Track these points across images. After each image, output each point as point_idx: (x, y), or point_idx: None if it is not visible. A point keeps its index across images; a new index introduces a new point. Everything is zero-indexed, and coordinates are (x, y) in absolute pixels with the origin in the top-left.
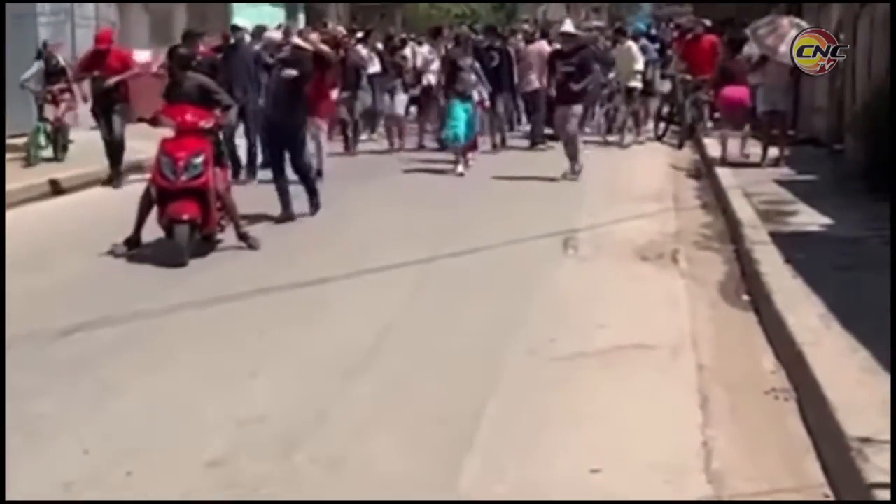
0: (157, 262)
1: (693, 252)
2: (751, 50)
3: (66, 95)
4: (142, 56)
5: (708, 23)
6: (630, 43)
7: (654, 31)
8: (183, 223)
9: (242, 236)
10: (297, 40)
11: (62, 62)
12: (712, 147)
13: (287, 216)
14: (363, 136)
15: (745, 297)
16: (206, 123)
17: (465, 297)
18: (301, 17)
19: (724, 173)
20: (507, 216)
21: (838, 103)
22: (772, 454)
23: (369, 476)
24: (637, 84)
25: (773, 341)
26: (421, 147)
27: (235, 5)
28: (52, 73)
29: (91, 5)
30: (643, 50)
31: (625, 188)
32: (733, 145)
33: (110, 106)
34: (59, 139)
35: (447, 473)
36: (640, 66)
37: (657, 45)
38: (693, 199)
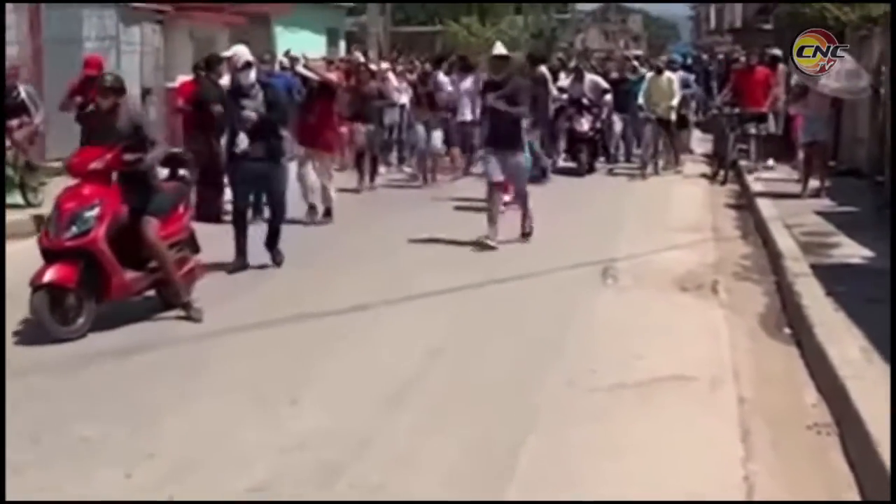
0: (200, 287)
1: (733, 283)
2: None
3: (24, 131)
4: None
5: (777, 52)
6: (669, 75)
7: (689, 61)
8: (41, 288)
9: (183, 305)
10: (300, 69)
11: (23, 94)
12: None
13: (242, 265)
14: (381, 169)
15: (786, 330)
16: (97, 164)
17: (503, 327)
18: (342, 44)
19: (764, 204)
20: (545, 246)
21: (880, 135)
22: (814, 489)
23: None
24: (671, 117)
25: (815, 374)
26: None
27: (278, 31)
28: (11, 108)
29: (136, 31)
30: (685, 83)
31: (663, 218)
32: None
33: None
34: (25, 182)
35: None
36: (675, 101)
37: (693, 76)
38: (732, 229)
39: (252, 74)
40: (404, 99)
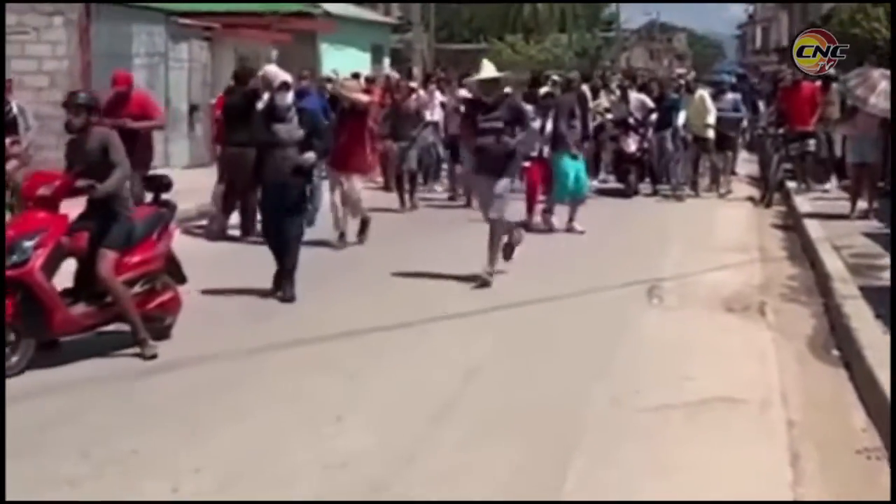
0: (243, 304)
1: (780, 304)
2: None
3: (15, 149)
4: None
5: (832, 71)
6: (702, 93)
7: (733, 80)
8: None
9: (138, 341)
10: (333, 89)
11: (14, 110)
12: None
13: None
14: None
15: (835, 352)
16: (44, 191)
17: (548, 345)
18: (386, 62)
19: (811, 225)
20: (591, 265)
21: None
22: None
23: None
24: (709, 135)
25: (864, 398)
26: None
27: (323, 48)
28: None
29: (185, 48)
30: (735, 107)
31: (709, 238)
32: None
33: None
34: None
35: None
36: (711, 119)
37: (739, 95)
38: (779, 250)
39: (289, 97)
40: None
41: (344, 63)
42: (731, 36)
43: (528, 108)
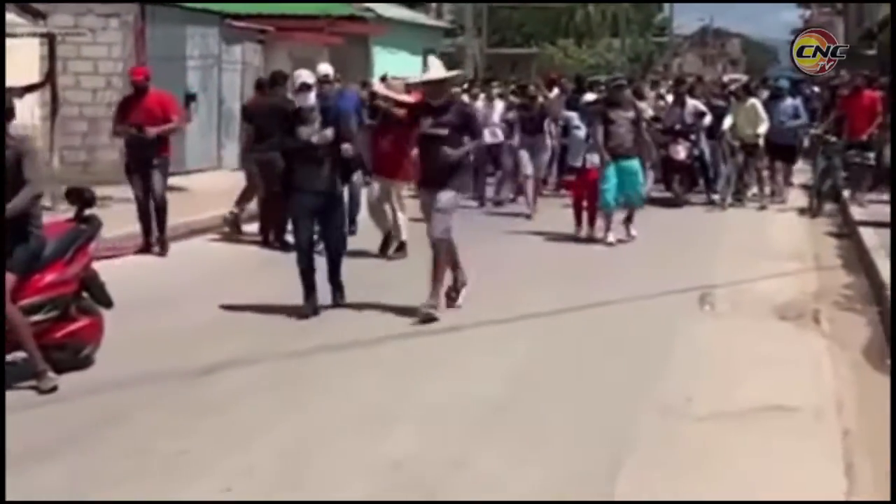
0: (290, 307)
1: (835, 313)
2: None
3: None
4: None
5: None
6: (753, 101)
7: (785, 84)
8: None
9: (35, 374)
10: (378, 88)
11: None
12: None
13: (313, 309)
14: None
15: (889, 361)
16: None
17: (598, 350)
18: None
19: (866, 233)
20: (642, 271)
21: None
22: None
23: None
24: (759, 142)
25: None
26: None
27: (375, 51)
28: None
29: (238, 50)
30: (795, 113)
31: (762, 245)
32: None
33: (148, 160)
34: None
35: None
36: (763, 128)
37: (798, 101)
38: (834, 258)
39: (311, 97)
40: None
41: (395, 66)
42: (785, 41)
43: (572, 114)
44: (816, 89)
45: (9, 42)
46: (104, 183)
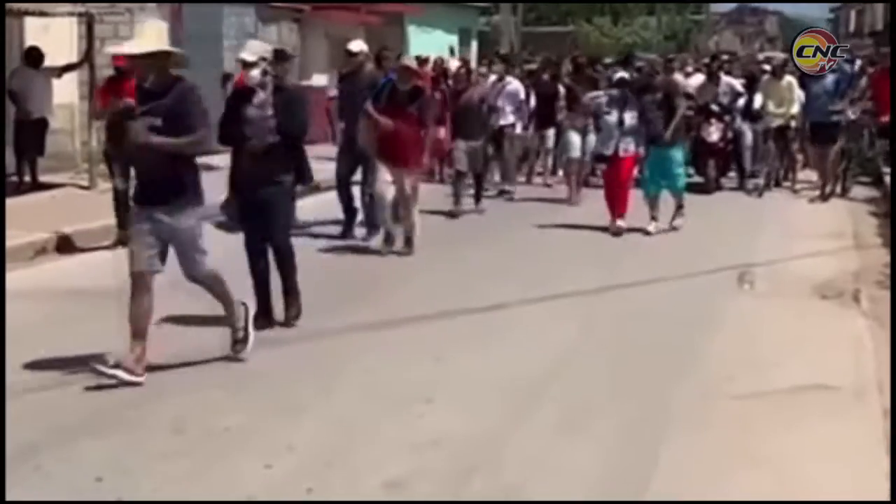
0: (333, 286)
1: (876, 292)
2: None
3: None
4: (319, 80)
5: None
6: (790, 78)
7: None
8: None
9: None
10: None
11: None
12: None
13: (263, 327)
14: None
15: None
16: None
17: (638, 330)
18: (474, 44)
19: None
20: (681, 250)
21: None
22: None
23: None
24: (792, 123)
25: None
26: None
27: (411, 30)
28: None
29: (274, 30)
30: (838, 91)
31: (801, 224)
32: None
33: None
34: None
35: None
36: (795, 108)
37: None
38: (875, 237)
39: (256, 74)
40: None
41: (431, 46)
42: (824, 19)
43: (601, 97)
44: (858, 64)
45: (47, 21)
46: None
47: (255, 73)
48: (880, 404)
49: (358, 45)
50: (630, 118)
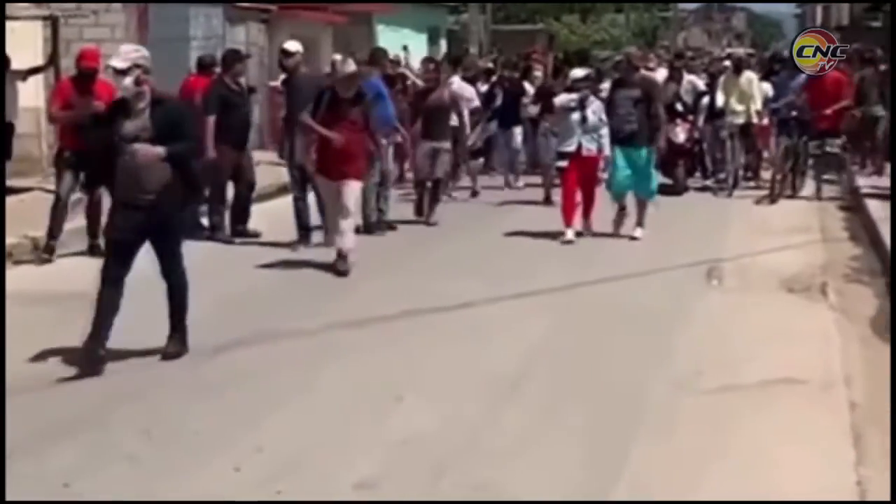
0: (304, 284)
1: (842, 285)
2: None
3: None
4: None
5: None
6: (750, 74)
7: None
8: None
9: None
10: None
11: None
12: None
13: (94, 359)
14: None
15: None
16: None
17: (608, 325)
18: (443, 43)
19: (873, 205)
20: (650, 246)
21: None
22: None
23: None
24: (753, 121)
25: None
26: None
27: (379, 30)
28: None
29: (242, 30)
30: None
31: (769, 219)
32: None
33: (87, 153)
34: None
35: None
36: (757, 104)
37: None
38: (841, 230)
39: (129, 83)
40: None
41: (400, 44)
42: (790, 15)
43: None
44: None
45: (11, 24)
46: None
47: (128, 81)
48: (847, 397)
49: (294, 45)
50: (592, 115)
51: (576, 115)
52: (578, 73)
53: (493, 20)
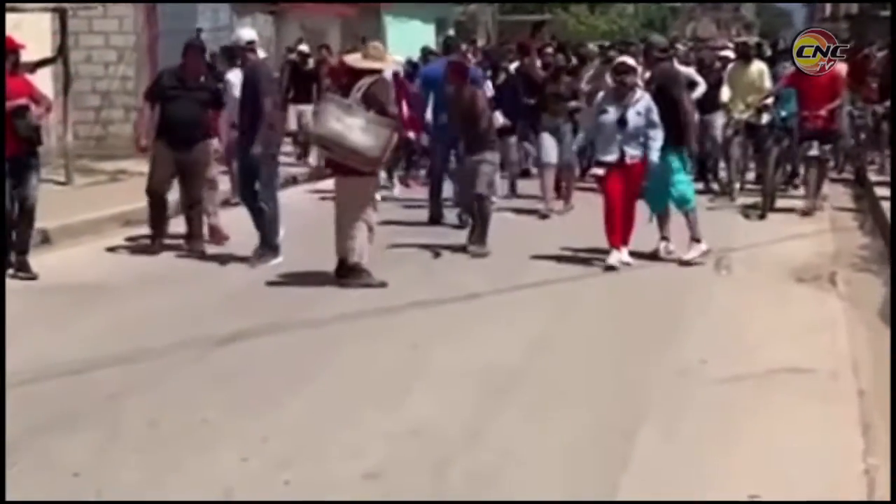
0: (310, 276)
1: (851, 274)
2: None
3: None
4: None
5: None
6: (761, 64)
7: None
8: None
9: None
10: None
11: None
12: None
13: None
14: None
15: None
16: None
17: (614, 315)
18: (451, 34)
19: (883, 195)
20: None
21: None
22: None
23: (523, 495)
24: (762, 120)
25: None
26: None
27: (387, 20)
28: None
29: (249, 23)
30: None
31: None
32: None
33: (23, 155)
34: None
35: (601, 495)
36: (770, 99)
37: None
38: (850, 220)
39: None
40: None
41: (408, 36)
42: (800, 5)
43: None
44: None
45: (20, 17)
46: (118, 157)
47: None
48: (855, 386)
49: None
50: (635, 116)
51: (609, 116)
52: (628, 60)
53: (500, 11)
